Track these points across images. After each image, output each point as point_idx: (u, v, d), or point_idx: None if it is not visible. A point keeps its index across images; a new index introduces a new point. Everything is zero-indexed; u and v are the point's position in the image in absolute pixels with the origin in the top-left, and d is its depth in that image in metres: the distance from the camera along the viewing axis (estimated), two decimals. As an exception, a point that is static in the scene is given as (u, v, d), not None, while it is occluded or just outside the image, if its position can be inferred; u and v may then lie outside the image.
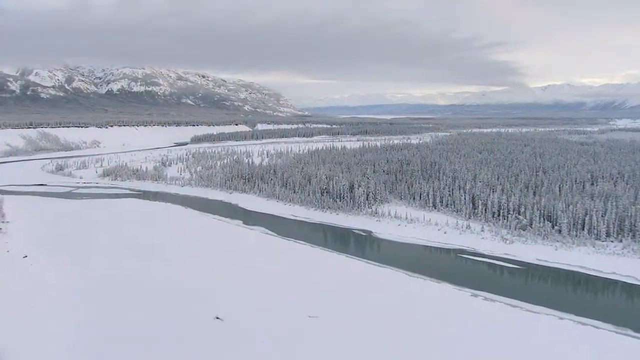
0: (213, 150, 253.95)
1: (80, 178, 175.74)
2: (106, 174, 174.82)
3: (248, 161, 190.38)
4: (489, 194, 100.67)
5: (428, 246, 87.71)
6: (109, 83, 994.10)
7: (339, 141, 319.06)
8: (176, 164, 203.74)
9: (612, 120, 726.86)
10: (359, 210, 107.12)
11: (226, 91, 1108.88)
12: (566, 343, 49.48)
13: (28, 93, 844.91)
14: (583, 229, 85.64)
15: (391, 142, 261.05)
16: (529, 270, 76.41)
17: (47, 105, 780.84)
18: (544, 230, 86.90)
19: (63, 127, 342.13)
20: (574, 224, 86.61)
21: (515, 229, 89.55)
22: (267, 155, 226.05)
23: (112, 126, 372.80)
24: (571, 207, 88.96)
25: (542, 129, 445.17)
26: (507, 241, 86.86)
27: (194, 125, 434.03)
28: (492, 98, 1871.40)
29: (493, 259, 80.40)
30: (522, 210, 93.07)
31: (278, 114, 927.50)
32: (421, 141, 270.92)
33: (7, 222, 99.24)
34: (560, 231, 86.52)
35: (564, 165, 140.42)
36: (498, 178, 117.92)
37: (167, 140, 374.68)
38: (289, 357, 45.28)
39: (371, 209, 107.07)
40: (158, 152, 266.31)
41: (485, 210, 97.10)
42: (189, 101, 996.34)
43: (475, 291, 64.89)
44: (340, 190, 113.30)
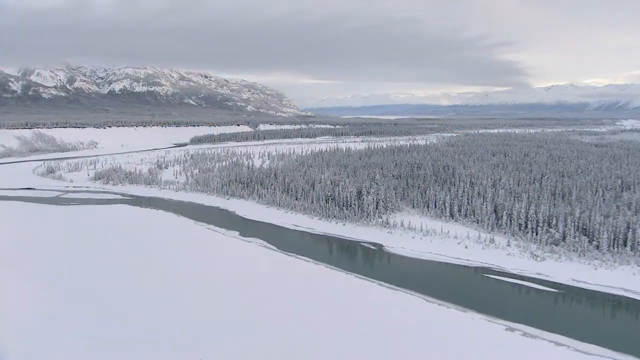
0: (212, 151, 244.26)
1: (70, 181, 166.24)
2: (98, 178, 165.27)
3: (248, 163, 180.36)
4: (514, 203, 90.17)
5: (447, 263, 77.28)
6: (111, 83, 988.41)
7: (343, 142, 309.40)
8: (173, 166, 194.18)
9: (618, 120, 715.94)
10: (368, 220, 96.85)
11: (229, 91, 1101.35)
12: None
13: (29, 93, 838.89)
14: (625, 245, 75.14)
15: (397, 144, 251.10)
16: (567, 294, 65.95)
17: (49, 105, 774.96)
18: (580, 245, 76.43)
19: (60, 128, 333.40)
20: (615, 239, 76.07)
21: (546, 244, 79.08)
22: (269, 157, 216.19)
23: (111, 126, 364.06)
24: (611, 220, 78.39)
25: (550, 130, 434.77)
26: (538, 258, 76.41)
27: (194, 125, 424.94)
28: (496, 98, 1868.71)
29: (523, 280, 69.98)
30: (554, 222, 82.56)
31: (281, 115, 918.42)
32: (428, 142, 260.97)
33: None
34: (598, 247, 76.06)
35: (588, 169, 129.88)
36: (520, 184, 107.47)
37: (167, 141, 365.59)
38: None
39: (381, 219, 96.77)
40: (156, 154, 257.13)
41: (510, 221, 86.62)
42: (192, 101, 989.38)
43: (509, 323, 54.70)
44: (346, 197, 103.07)
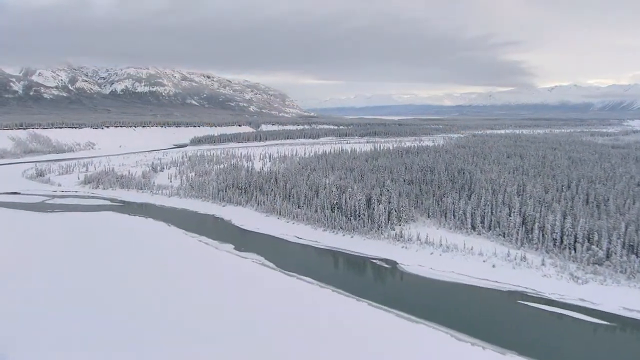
0: (212, 153, 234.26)
1: (58, 185, 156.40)
2: (87, 181, 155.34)
3: (248, 166, 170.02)
4: (546, 214, 79.31)
5: (474, 286, 66.49)
6: (113, 83, 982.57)
7: (347, 143, 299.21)
8: (169, 169, 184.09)
9: (625, 121, 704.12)
10: (379, 232, 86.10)
11: (231, 92, 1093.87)
12: None
13: (31, 93, 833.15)
14: (683, 266, 64.22)
15: (404, 145, 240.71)
16: (619, 326, 55.23)
17: (50, 106, 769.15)
18: (629, 266, 65.59)
19: (56, 128, 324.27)
20: (670, 259, 65.19)
21: (587, 264, 68.25)
22: (270, 159, 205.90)
23: (108, 127, 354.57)
24: (664, 235, 67.54)
25: (557, 130, 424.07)
26: (579, 280, 65.58)
27: (195, 126, 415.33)
28: (499, 99, 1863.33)
29: (565, 308, 59.25)
30: (595, 237, 71.65)
31: (284, 115, 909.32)
32: (435, 143, 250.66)
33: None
34: (650, 267, 65.13)
35: (615, 174, 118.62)
36: (547, 191, 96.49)
37: (167, 141, 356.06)
38: None
39: (394, 231, 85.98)
40: (153, 155, 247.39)
41: (543, 236, 75.73)
42: (194, 102, 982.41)
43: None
44: (354, 206, 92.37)
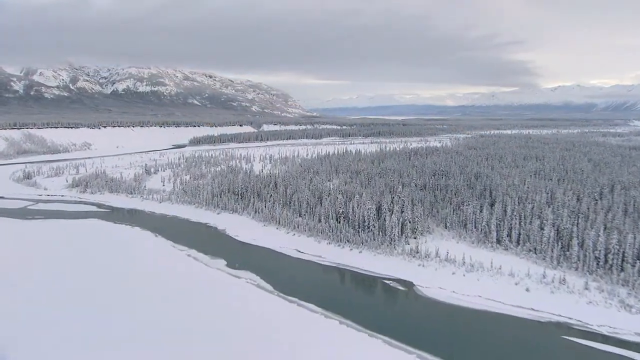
0: (210, 153, 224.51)
1: (44, 189, 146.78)
2: (76, 185, 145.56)
3: (247, 168, 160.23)
4: (584, 228, 68.87)
5: (505, 315, 56.17)
6: (114, 83, 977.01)
7: (351, 143, 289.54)
8: (164, 171, 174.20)
9: (630, 121, 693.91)
10: (392, 246, 75.70)
11: (233, 91, 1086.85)
12: None
13: (31, 93, 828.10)
14: None
15: (410, 146, 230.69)
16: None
17: (51, 105, 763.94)
18: (692, 292, 55.09)
19: (51, 128, 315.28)
20: None
21: (641, 288, 57.81)
22: (270, 160, 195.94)
23: (106, 127, 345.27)
24: None
25: (565, 131, 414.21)
26: (633, 309, 55.25)
27: (195, 125, 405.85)
28: (502, 99, 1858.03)
29: (621, 346, 48.97)
30: (647, 256, 61.21)
31: (286, 115, 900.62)
32: (442, 144, 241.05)
33: None
34: None
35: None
36: (579, 199, 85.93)
37: (166, 142, 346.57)
38: None
39: (409, 245, 75.67)
40: (150, 156, 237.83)
41: (584, 254, 65.25)
42: (196, 101, 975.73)
43: None
44: (363, 215, 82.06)
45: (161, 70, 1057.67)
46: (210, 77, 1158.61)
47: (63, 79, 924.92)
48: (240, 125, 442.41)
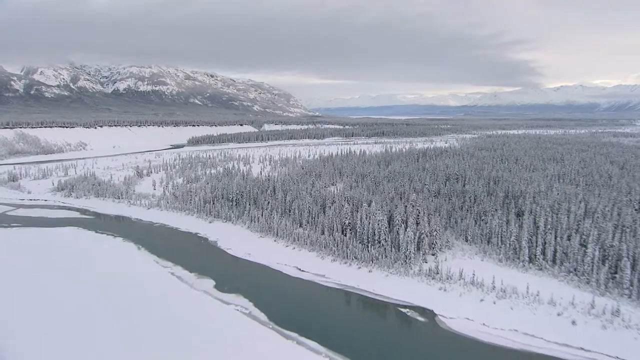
0: (208, 154, 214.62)
1: (28, 193, 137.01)
2: (61, 188, 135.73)
3: (245, 170, 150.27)
4: (635, 245, 58.41)
5: (549, 357, 45.86)
6: (115, 82, 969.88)
7: (354, 144, 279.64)
8: (157, 173, 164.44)
9: (636, 121, 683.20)
10: (407, 265, 65.28)
11: (235, 91, 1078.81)
12: None
13: (32, 92, 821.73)
14: None
15: (416, 146, 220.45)
16: None
17: (51, 104, 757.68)
18: None
19: (46, 128, 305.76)
20: None
21: None
22: (270, 161, 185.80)
23: (102, 126, 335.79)
24: None
25: (572, 131, 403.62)
26: None
27: (194, 125, 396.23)
28: (504, 99, 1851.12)
29: None
30: None
31: (288, 115, 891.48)
32: (449, 144, 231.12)
33: None
34: None
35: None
36: (619, 212, 75.16)
37: (164, 141, 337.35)
38: None
39: (427, 264, 65.35)
40: (146, 157, 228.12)
41: (638, 277, 54.79)
42: (197, 101, 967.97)
43: None
44: (373, 228, 71.70)
45: (162, 69, 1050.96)
46: (211, 77, 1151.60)
47: (64, 78, 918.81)
48: (240, 124, 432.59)
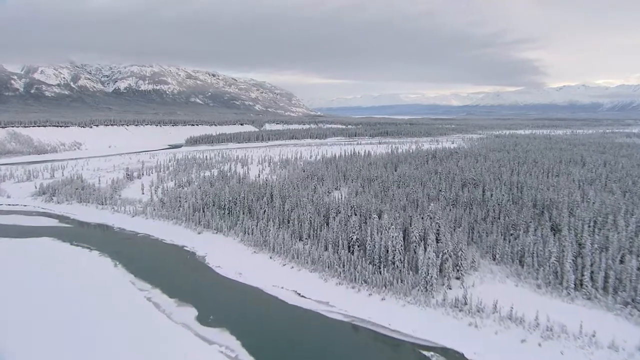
0: (205, 155, 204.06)
1: (7, 197, 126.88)
2: (43, 192, 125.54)
3: (242, 173, 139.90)
4: None
5: None
6: (116, 81, 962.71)
7: (358, 144, 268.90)
8: (149, 175, 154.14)
9: None
10: (428, 292, 54.47)
11: (237, 90, 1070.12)
12: None
13: (32, 91, 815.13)
14: None
15: (422, 146, 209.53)
16: None
17: (51, 104, 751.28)
18: None
19: (39, 127, 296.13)
20: None
21: None
22: (270, 163, 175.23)
23: (98, 125, 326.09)
24: None
25: (580, 131, 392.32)
26: None
27: (193, 124, 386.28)
28: (507, 99, 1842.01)
29: None
30: None
31: (290, 114, 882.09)
32: (456, 145, 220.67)
33: None
34: None
35: None
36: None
37: (162, 141, 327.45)
38: None
39: (451, 290, 54.60)
40: (140, 157, 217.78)
41: None
42: (198, 100, 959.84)
43: None
44: (386, 245, 60.97)
45: (164, 68, 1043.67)
46: (213, 76, 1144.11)
47: (64, 77, 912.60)
48: (241, 124, 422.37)
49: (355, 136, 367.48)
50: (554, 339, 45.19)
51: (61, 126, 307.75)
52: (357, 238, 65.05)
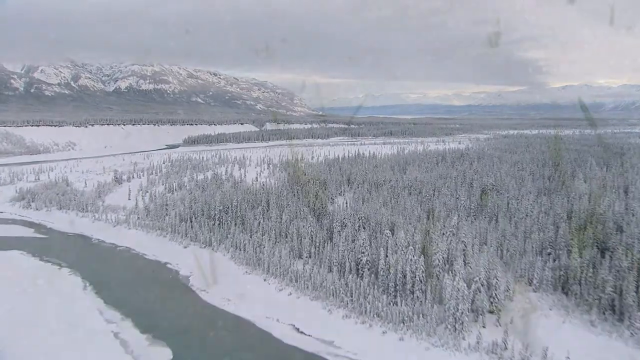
0: (202, 155, 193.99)
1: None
2: (22, 197, 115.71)
3: (238, 175, 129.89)
4: None
5: None
6: (117, 81, 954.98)
7: (362, 144, 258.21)
8: (140, 178, 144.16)
9: None
10: (458, 333, 43.98)
11: (238, 90, 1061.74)
12: None
13: (32, 91, 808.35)
14: None
15: (428, 147, 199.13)
16: None
17: (51, 103, 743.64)
18: None
19: (32, 127, 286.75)
20: None
21: None
22: (269, 165, 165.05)
23: (93, 125, 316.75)
24: None
25: (588, 131, 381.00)
26: None
27: (192, 124, 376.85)
28: (509, 98, 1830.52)
29: None
30: None
31: (291, 114, 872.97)
32: (463, 145, 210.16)
33: None
34: None
35: None
36: None
37: (159, 141, 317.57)
38: None
39: (486, 329, 44.25)
40: (134, 158, 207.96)
41: None
42: (199, 99, 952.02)
43: None
44: (403, 270, 50.55)
45: (165, 67, 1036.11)
46: (214, 75, 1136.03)
47: (64, 77, 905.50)
48: (241, 123, 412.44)
49: (358, 136, 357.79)
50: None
51: (55, 126, 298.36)
52: (368, 260, 54.65)
